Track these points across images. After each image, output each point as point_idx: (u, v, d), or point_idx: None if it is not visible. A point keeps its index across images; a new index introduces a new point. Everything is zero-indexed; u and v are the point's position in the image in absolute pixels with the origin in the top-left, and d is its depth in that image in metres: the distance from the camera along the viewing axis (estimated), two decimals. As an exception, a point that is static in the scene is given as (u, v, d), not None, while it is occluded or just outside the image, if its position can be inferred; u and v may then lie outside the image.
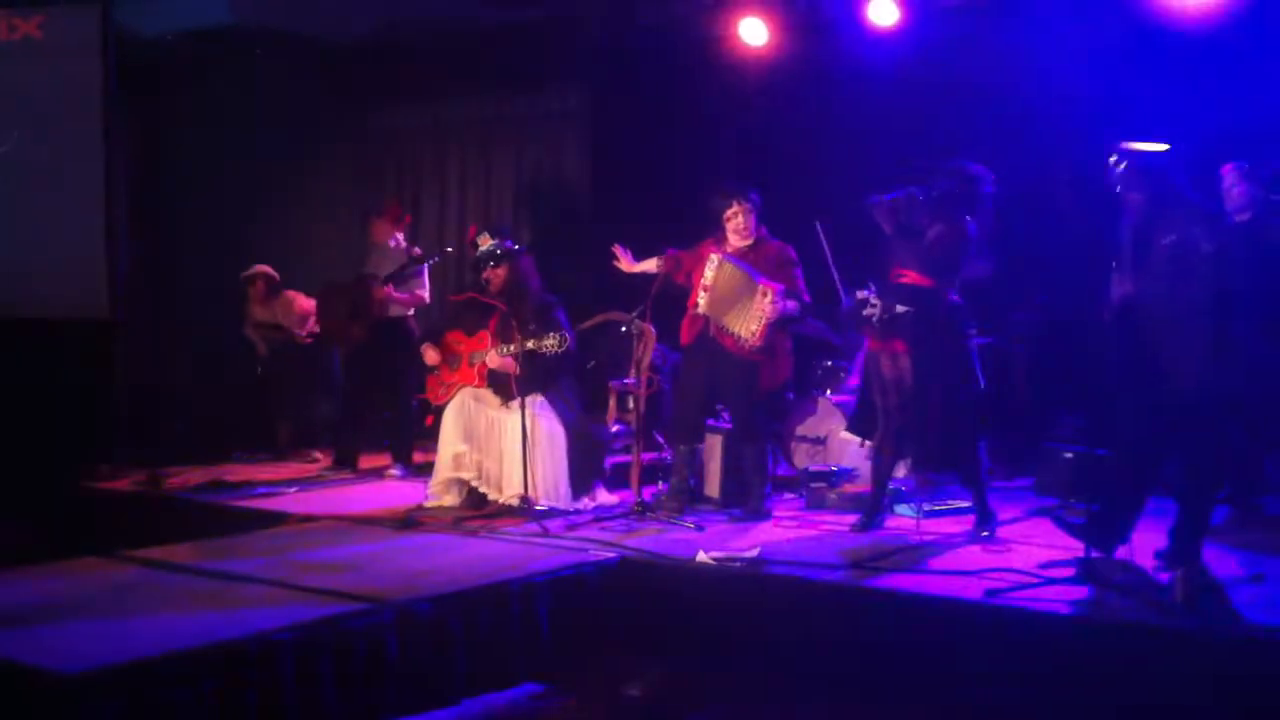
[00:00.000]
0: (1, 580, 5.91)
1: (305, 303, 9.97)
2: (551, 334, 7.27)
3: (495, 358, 7.50)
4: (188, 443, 9.98)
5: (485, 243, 7.73)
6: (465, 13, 10.47)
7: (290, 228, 10.60)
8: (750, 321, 7.11)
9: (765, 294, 7.07)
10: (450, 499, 7.60)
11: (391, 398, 9.26)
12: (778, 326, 7.13)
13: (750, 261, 7.23)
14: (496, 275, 7.65)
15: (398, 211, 9.55)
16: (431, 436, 7.92)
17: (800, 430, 8.60)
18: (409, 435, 9.18)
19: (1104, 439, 6.18)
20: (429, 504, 7.61)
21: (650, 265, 7.56)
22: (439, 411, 7.71)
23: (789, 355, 7.39)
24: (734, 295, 7.18)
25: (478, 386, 7.63)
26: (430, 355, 7.87)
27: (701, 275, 7.25)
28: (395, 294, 9.07)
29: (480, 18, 10.51)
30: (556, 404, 7.53)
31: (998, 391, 6.89)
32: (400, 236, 9.39)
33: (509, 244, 7.78)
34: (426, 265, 9.29)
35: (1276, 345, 6.77)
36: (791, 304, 7.15)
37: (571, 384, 7.73)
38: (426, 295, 9.30)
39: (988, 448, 6.88)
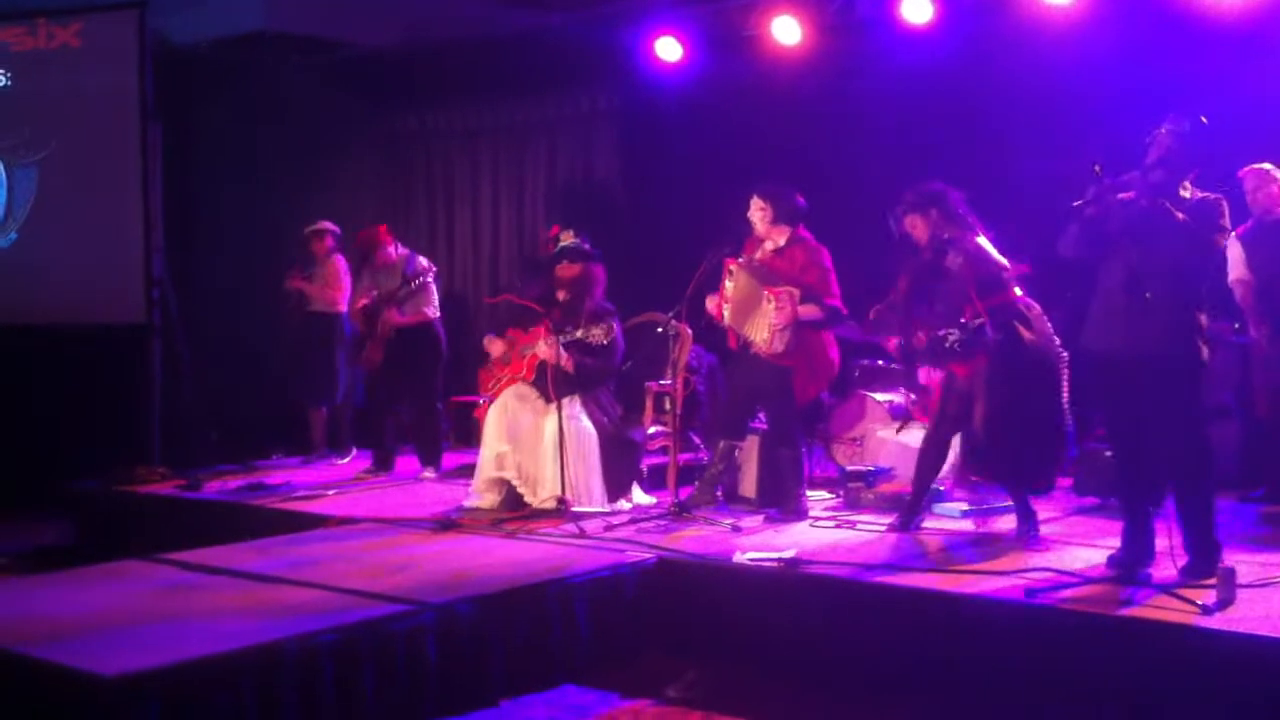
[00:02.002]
0: (42, 584, 5.97)
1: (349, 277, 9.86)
2: (597, 325, 7.31)
3: (544, 348, 7.52)
4: (225, 445, 10.01)
5: (568, 238, 7.84)
6: (495, 17, 10.50)
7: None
8: (762, 329, 7.12)
9: (770, 301, 7.07)
10: (491, 498, 7.62)
11: (417, 402, 9.27)
12: (794, 332, 7.10)
13: (775, 266, 7.22)
14: (570, 270, 7.71)
15: (379, 234, 9.37)
16: (467, 439, 7.94)
17: (838, 430, 8.58)
18: (437, 438, 9.20)
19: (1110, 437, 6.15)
20: (469, 504, 7.65)
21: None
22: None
23: (830, 363, 7.33)
24: (748, 304, 7.20)
25: (526, 379, 7.65)
26: (497, 346, 7.89)
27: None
28: (398, 317, 9.04)
29: (510, 22, 10.54)
30: (591, 408, 7.55)
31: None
32: (392, 250, 9.27)
33: (586, 245, 7.83)
34: (429, 281, 9.20)
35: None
36: (808, 309, 7.11)
37: (608, 389, 7.74)
38: (431, 312, 9.14)
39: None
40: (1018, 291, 6.66)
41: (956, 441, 7.00)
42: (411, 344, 9.09)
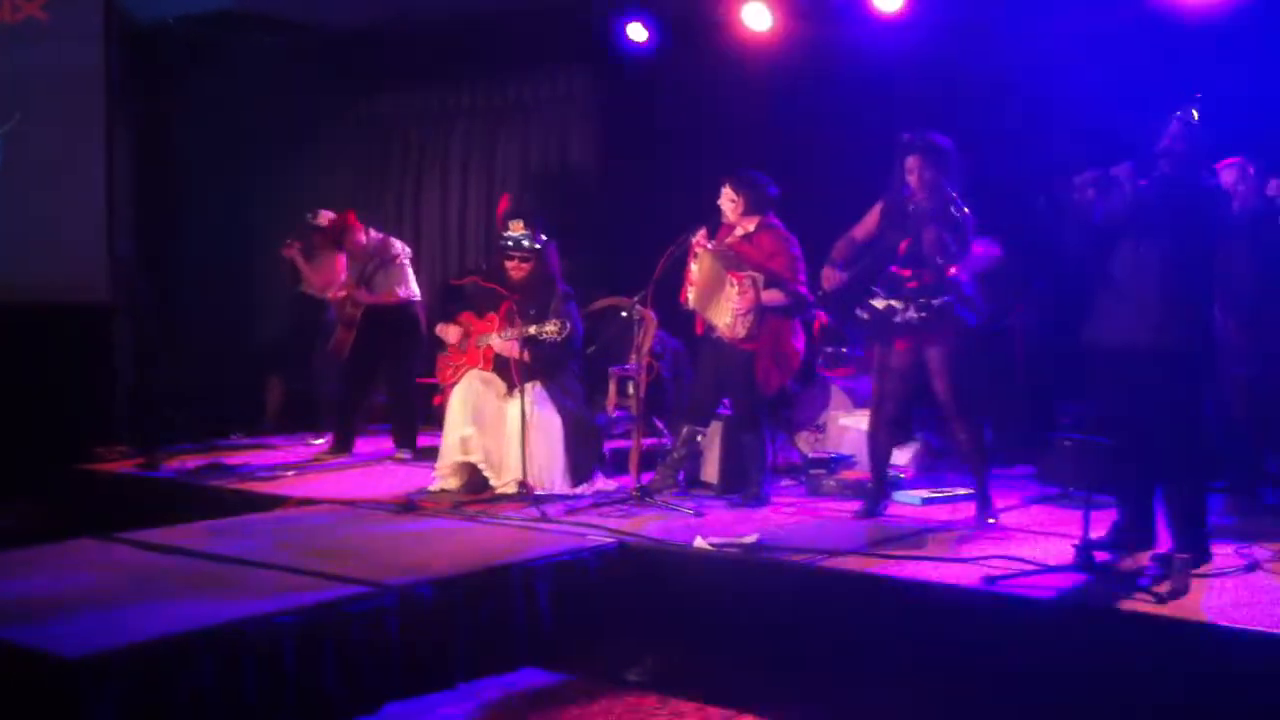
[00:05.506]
0: (-1, 563, 5.92)
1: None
2: (552, 321, 7.27)
3: (499, 341, 7.51)
4: (186, 425, 9.95)
5: (517, 229, 7.65)
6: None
7: (291, 213, 10.58)
8: (724, 314, 7.13)
9: (733, 285, 7.08)
10: (454, 482, 7.60)
11: (393, 383, 9.25)
12: (758, 317, 7.11)
13: (743, 250, 7.23)
14: (520, 269, 7.63)
15: (346, 220, 9.31)
16: (437, 422, 7.92)
17: (801, 417, 8.60)
18: (413, 419, 9.17)
19: (1101, 427, 6.19)
20: (433, 488, 7.63)
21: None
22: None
23: (794, 352, 7.33)
24: (712, 287, 7.21)
25: (484, 369, 7.63)
26: (451, 333, 7.85)
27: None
28: (366, 295, 9.01)
29: (483, 2, 10.49)
30: (554, 392, 7.53)
31: (1000, 379, 6.88)
32: (361, 236, 9.21)
33: (539, 237, 7.71)
34: (403, 262, 9.17)
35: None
36: (772, 294, 7.11)
37: (572, 372, 7.72)
38: (403, 293, 9.11)
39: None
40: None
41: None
42: (387, 326, 9.06)
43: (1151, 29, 8.01)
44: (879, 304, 6.60)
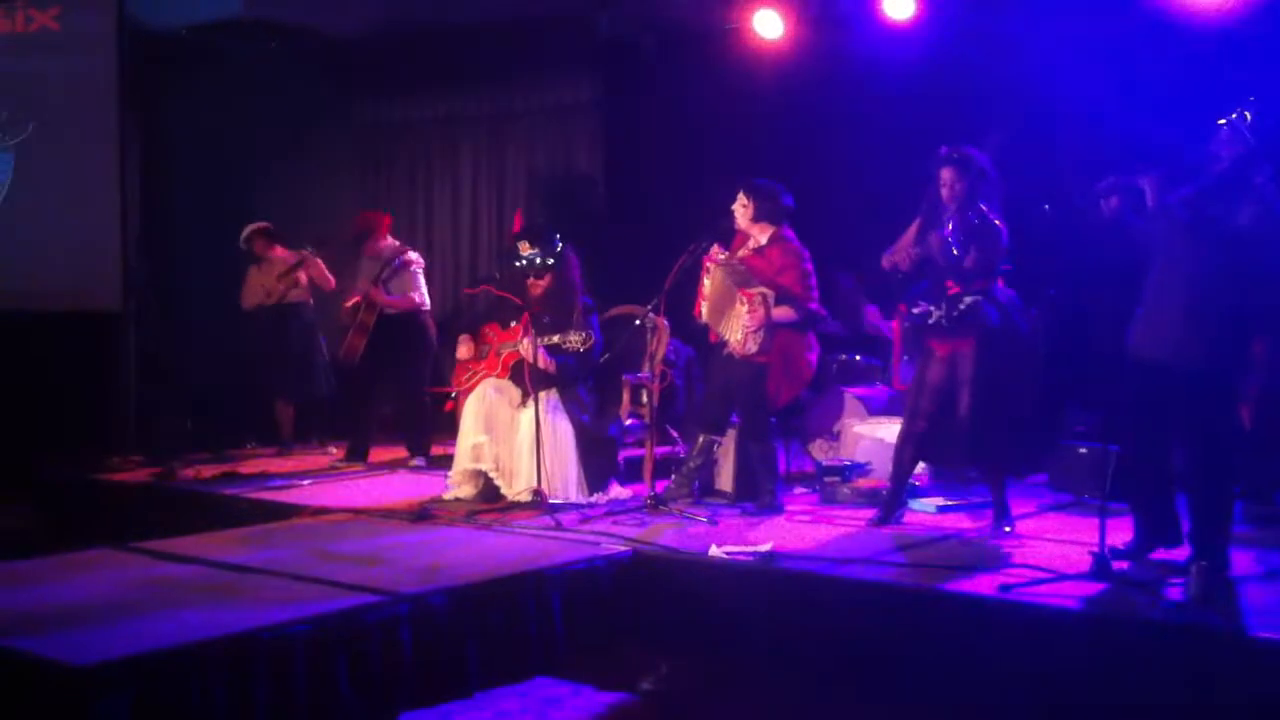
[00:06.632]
0: (12, 572, 5.91)
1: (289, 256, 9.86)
2: (575, 332, 7.26)
3: (526, 347, 7.48)
4: (200, 434, 9.95)
5: (525, 249, 7.65)
6: (476, 5, 10.45)
7: (301, 221, 10.60)
8: (735, 330, 7.12)
9: (743, 303, 7.07)
10: (468, 490, 7.59)
11: (404, 391, 9.25)
12: (769, 333, 7.08)
13: (753, 265, 7.21)
14: (537, 286, 7.63)
15: (379, 220, 9.46)
16: (450, 429, 7.90)
17: (815, 425, 8.58)
18: (426, 427, 9.16)
19: (1116, 434, 6.17)
20: (446, 495, 7.61)
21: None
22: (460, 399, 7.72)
23: (806, 365, 7.30)
24: (723, 303, 7.20)
25: (500, 377, 7.62)
26: (463, 349, 7.85)
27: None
28: (384, 296, 9.04)
29: (492, 10, 10.50)
30: (567, 401, 7.52)
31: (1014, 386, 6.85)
32: (384, 242, 9.32)
33: (555, 245, 7.67)
34: (415, 271, 9.22)
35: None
36: (783, 311, 7.10)
37: (586, 383, 7.71)
38: (417, 299, 9.19)
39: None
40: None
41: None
42: (398, 334, 9.08)
43: (1158, 32, 7.97)
44: (917, 309, 6.62)
